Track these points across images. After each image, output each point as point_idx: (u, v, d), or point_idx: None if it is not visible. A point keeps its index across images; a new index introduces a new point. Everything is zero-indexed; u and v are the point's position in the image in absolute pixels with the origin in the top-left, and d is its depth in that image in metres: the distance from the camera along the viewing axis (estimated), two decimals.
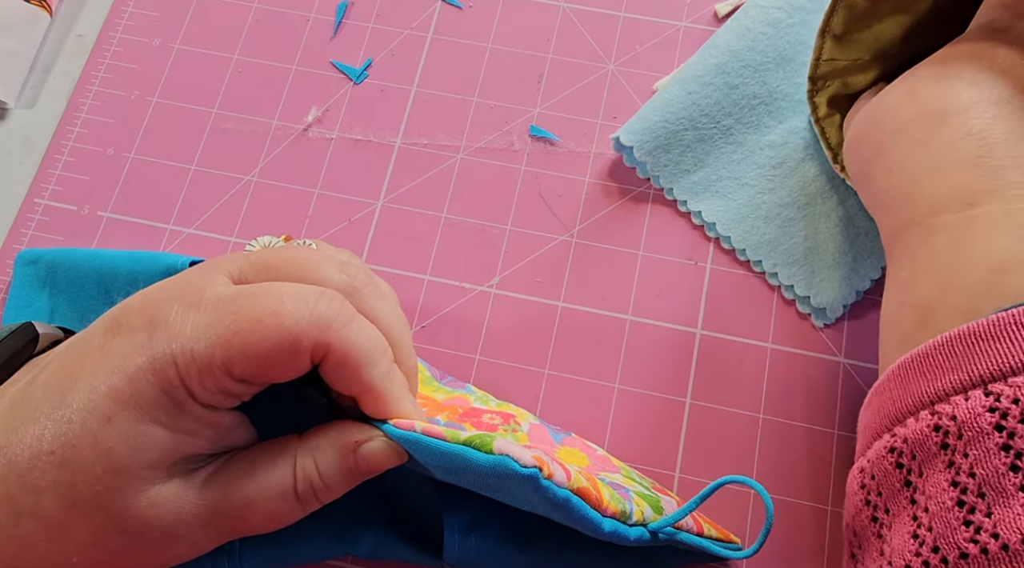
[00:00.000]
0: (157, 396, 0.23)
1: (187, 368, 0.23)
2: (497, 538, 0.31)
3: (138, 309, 0.25)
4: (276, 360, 0.24)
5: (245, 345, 0.23)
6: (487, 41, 0.46)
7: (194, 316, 0.24)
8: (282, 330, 0.23)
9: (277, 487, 0.25)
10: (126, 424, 0.23)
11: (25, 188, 0.43)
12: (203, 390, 0.24)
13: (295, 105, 0.45)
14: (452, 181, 0.43)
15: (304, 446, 0.26)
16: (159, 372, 0.23)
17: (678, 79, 0.43)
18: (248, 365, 0.23)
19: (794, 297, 0.40)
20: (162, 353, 0.23)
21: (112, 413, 0.23)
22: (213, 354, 0.23)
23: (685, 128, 0.42)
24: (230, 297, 0.24)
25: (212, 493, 0.25)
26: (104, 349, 0.24)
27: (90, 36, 0.47)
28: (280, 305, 0.24)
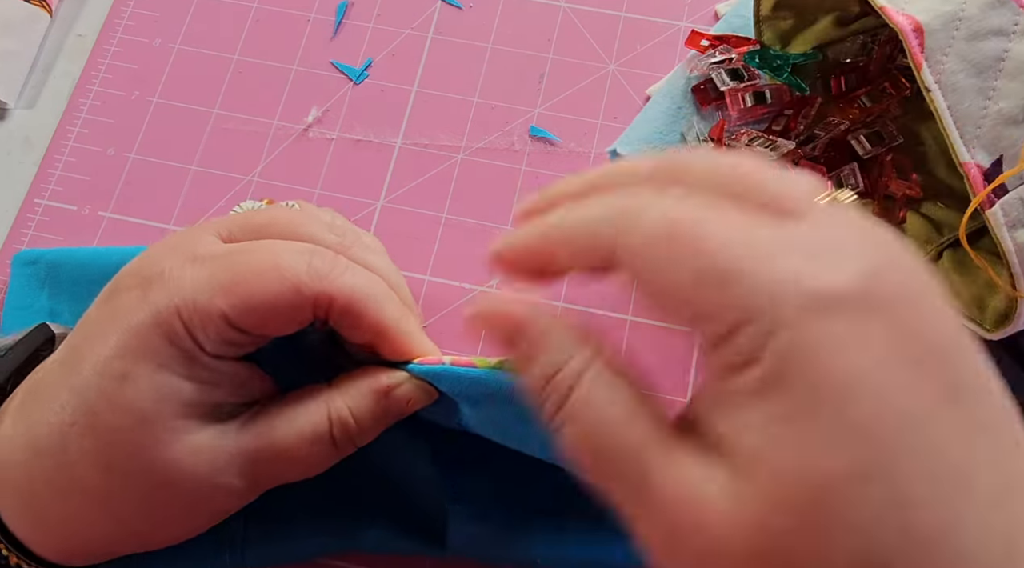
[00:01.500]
0: (166, 348, 0.24)
1: (191, 318, 0.23)
2: (501, 528, 0.31)
3: (131, 273, 0.25)
4: (278, 311, 0.24)
5: (248, 295, 0.24)
6: (487, 41, 0.46)
7: (192, 269, 0.24)
8: (283, 281, 0.24)
9: (313, 433, 0.26)
10: (144, 377, 0.23)
11: (25, 188, 0.43)
12: (208, 340, 0.24)
13: (295, 105, 0.45)
14: (452, 181, 0.43)
15: (336, 392, 0.26)
16: (164, 324, 0.23)
17: (668, 90, 0.43)
18: (250, 316, 0.24)
19: None
20: (164, 306, 0.24)
21: (126, 370, 0.23)
22: (215, 304, 0.23)
23: (679, 139, 0.42)
24: (227, 252, 0.25)
25: (248, 439, 0.25)
26: (104, 315, 0.25)
27: (90, 36, 0.47)
28: (278, 258, 0.24)
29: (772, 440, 0.16)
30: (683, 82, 0.43)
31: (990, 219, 0.30)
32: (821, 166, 0.39)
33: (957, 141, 0.30)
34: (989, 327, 0.33)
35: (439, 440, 0.31)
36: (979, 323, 0.34)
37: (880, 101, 0.39)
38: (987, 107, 0.30)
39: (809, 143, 0.40)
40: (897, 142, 0.39)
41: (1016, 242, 0.30)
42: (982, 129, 0.30)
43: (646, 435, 0.18)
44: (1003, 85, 0.30)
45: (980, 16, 0.30)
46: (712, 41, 0.42)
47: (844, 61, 0.42)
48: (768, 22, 0.41)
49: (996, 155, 0.30)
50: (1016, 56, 0.30)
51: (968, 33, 0.30)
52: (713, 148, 0.40)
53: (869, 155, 0.39)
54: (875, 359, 0.16)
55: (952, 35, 0.31)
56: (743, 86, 0.41)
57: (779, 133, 0.40)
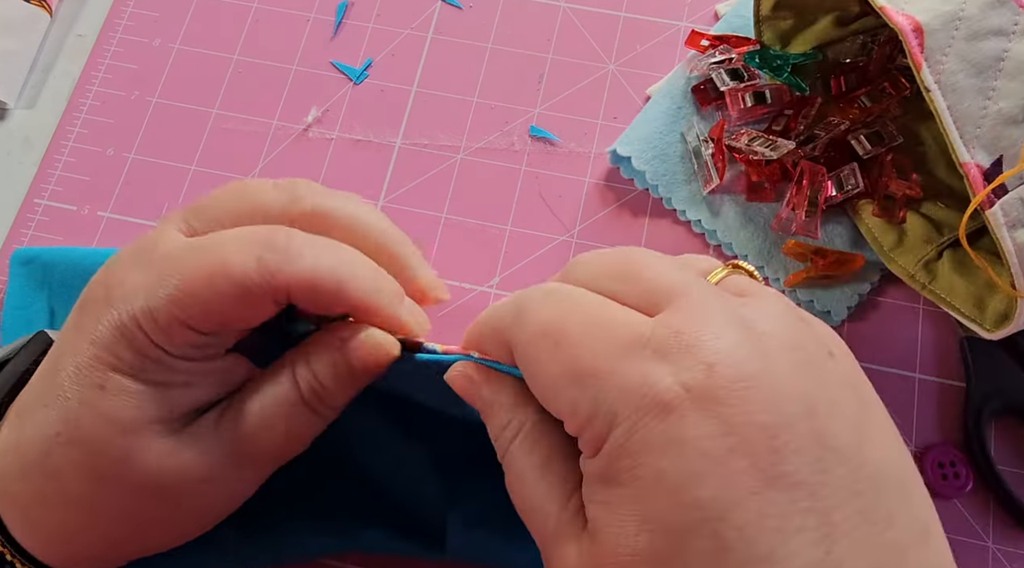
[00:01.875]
0: (135, 357, 0.23)
1: (151, 328, 0.23)
2: (499, 530, 0.31)
3: (98, 281, 0.25)
4: (234, 311, 0.24)
5: (200, 302, 0.23)
6: (487, 41, 0.46)
7: (144, 277, 0.24)
8: (233, 283, 0.23)
9: (285, 400, 0.25)
10: (119, 387, 0.23)
11: (25, 188, 0.43)
12: (172, 345, 0.24)
13: (295, 105, 0.45)
14: (452, 181, 0.43)
15: (299, 356, 0.26)
16: (127, 335, 0.23)
17: (668, 90, 0.43)
18: (208, 319, 0.23)
19: (799, 302, 0.40)
20: (127, 316, 0.23)
21: (102, 381, 0.23)
22: (170, 311, 0.23)
23: (679, 139, 0.42)
24: (178, 252, 0.24)
25: (229, 426, 0.25)
26: (76, 327, 0.25)
27: (90, 36, 0.47)
28: (226, 257, 0.23)
29: (603, 517, 0.19)
30: (683, 82, 0.43)
31: (990, 219, 0.30)
32: (821, 166, 0.39)
33: (957, 141, 0.30)
34: (989, 327, 0.33)
35: (439, 443, 0.31)
36: (979, 323, 0.34)
37: (880, 101, 0.39)
38: (987, 107, 0.30)
39: (809, 143, 0.40)
40: (897, 142, 0.39)
41: (1016, 242, 0.30)
42: (982, 129, 0.30)
43: (548, 487, 0.22)
44: (1003, 85, 0.30)
45: (980, 16, 0.30)
46: (712, 41, 0.42)
47: (844, 61, 0.42)
48: (768, 22, 0.41)
49: (996, 155, 0.30)
50: (1016, 56, 0.30)
51: (968, 33, 0.30)
52: (713, 148, 0.40)
53: (869, 155, 0.39)
54: (687, 457, 0.18)
55: (952, 35, 0.31)
56: (743, 86, 0.41)
57: (779, 133, 0.40)
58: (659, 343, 0.19)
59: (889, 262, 0.38)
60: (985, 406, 0.37)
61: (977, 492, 0.36)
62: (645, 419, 0.19)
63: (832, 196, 0.39)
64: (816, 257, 0.39)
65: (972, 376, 0.37)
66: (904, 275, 0.37)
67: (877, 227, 0.39)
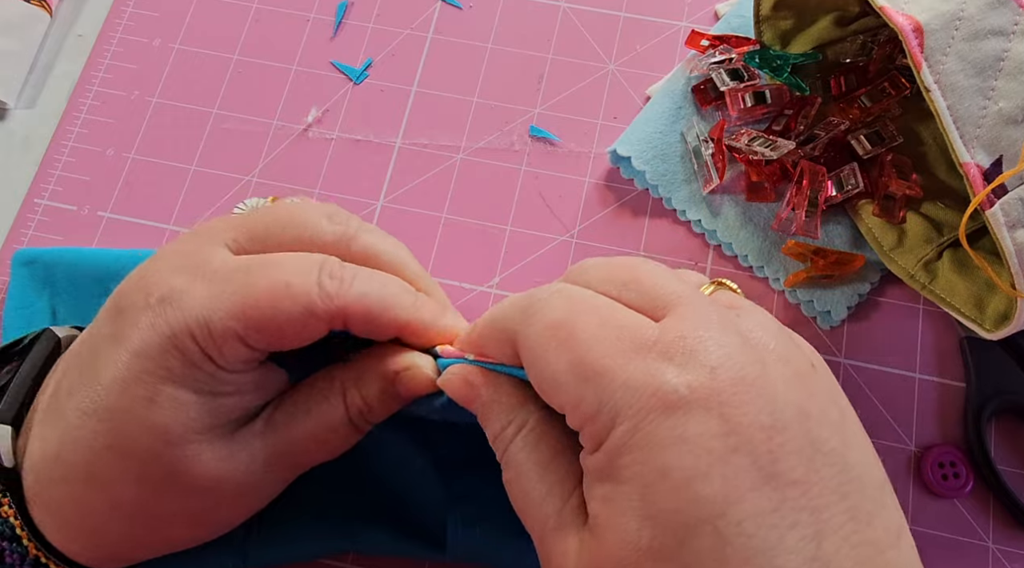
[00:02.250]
0: (185, 369, 0.24)
1: (205, 340, 0.24)
2: (499, 531, 0.31)
3: (137, 289, 0.25)
4: (292, 331, 0.24)
5: (261, 318, 0.24)
6: (487, 41, 0.46)
7: (203, 288, 0.24)
8: (296, 303, 0.24)
9: (333, 419, 0.26)
10: (168, 400, 0.24)
11: (25, 188, 0.43)
12: (224, 359, 0.24)
13: (295, 105, 0.45)
14: (452, 181, 0.43)
15: (350, 377, 0.27)
16: (180, 346, 0.23)
17: (668, 90, 0.43)
18: (264, 337, 0.24)
19: (798, 301, 0.40)
20: (179, 328, 0.23)
21: (152, 393, 0.23)
22: (229, 326, 0.23)
23: (679, 139, 0.42)
24: (238, 270, 0.24)
25: (274, 435, 0.26)
26: (116, 337, 0.24)
27: (90, 36, 0.47)
28: (289, 279, 0.24)
29: (605, 512, 0.20)
30: (683, 82, 0.43)
31: (990, 219, 0.30)
32: (821, 166, 0.39)
33: (957, 141, 0.30)
34: (989, 327, 0.33)
35: (441, 445, 0.31)
36: (979, 323, 0.34)
37: (880, 101, 0.39)
38: (987, 107, 0.30)
39: (809, 143, 0.40)
40: (897, 142, 0.39)
41: (1016, 242, 0.30)
42: (982, 129, 0.30)
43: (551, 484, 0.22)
44: (1003, 85, 0.30)
45: (980, 16, 0.30)
46: (712, 41, 0.42)
47: (844, 61, 0.42)
48: (768, 22, 0.41)
49: (996, 155, 0.30)
50: (1016, 56, 0.30)
51: (968, 33, 0.30)
52: (713, 148, 0.40)
53: (869, 155, 0.39)
54: (691, 454, 0.19)
55: (952, 35, 0.31)
56: (743, 86, 0.41)
57: (779, 133, 0.40)
58: (665, 346, 0.20)
59: (889, 262, 0.38)
60: (985, 406, 0.37)
61: (977, 492, 0.36)
62: (650, 416, 0.19)
63: (832, 196, 0.39)
64: (816, 257, 0.39)
65: (972, 376, 0.37)
66: (904, 275, 0.37)
67: (877, 227, 0.39)
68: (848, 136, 0.40)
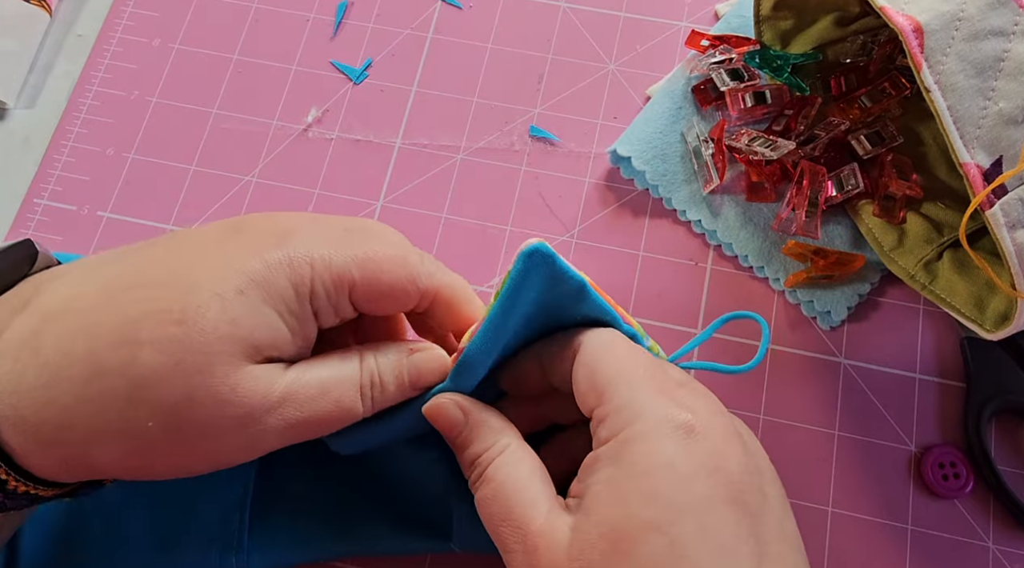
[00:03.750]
0: (286, 289, 0.25)
1: (322, 273, 0.26)
2: None
3: (264, 220, 0.27)
4: (394, 293, 0.27)
5: (376, 273, 0.26)
6: (487, 41, 0.46)
7: (328, 234, 0.27)
8: (407, 271, 0.27)
9: (347, 378, 0.27)
10: (255, 301, 0.25)
11: (25, 188, 0.43)
12: (323, 298, 0.26)
13: (295, 105, 0.45)
14: (452, 181, 0.43)
15: (369, 348, 0.28)
16: (295, 268, 0.25)
17: (668, 90, 0.43)
18: (370, 291, 0.27)
19: (798, 301, 0.40)
20: (300, 254, 0.26)
21: (245, 288, 0.25)
22: (349, 270, 0.26)
23: (679, 139, 0.42)
24: (358, 229, 0.28)
25: (291, 378, 0.26)
26: (229, 243, 0.26)
27: (90, 36, 0.47)
28: (405, 251, 0.28)
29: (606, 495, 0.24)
30: (683, 82, 0.43)
31: (990, 219, 0.30)
32: (821, 166, 0.39)
33: (957, 141, 0.30)
34: (989, 327, 0.33)
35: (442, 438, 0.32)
36: (979, 323, 0.34)
37: (880, 101, 0.39)
38: (987, 107, 0.30)
39: (809, 143, 0.40)
40: (897, 142, 0.39)
41: (1016, 242, 0.30)
42: (982, 129, 0.30)
43: (537, 491, 0.26)
44: (1003, 85, 0.30)
45: (980, 16, 0.30)
46: (712, 41, 0.42)
47: (844, 61, 0.42)
48: (768, 22, 0.41)
49: (996, 155, 0.30)
50: (1016, 56, 0.30)
51: (968, 33, 0.30)
52: (713, 148, 0.40)
53: (869, 155, 0.39)
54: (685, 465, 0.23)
55: (952, 35, 0.30)
56: (743, 86, 0.41)
57: (779, 133, 0.40)
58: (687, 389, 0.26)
59: (889, 262, 0.38)
60: (985, 406, 0.37)
61: (977, 492, 0.36)
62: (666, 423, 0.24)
63: (832, 196, 0.39)
64: (816, 257, 0.39)
65: (972, 376, 0.37)
66: (904, 275, 0.37)
67: (877, 227, 0.39)
68: (848, 136, 0.40)
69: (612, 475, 0.24)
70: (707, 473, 0.23)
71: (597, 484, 0.24)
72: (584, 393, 0.26)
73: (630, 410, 0.24)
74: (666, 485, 0.23)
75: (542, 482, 0.26)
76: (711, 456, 0.24)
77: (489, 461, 0.27)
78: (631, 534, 0.23)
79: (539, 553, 0.24)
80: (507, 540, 0.25)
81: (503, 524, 0.25)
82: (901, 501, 0.37)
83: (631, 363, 0.26)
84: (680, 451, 0.24)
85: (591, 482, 0.24)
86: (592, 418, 0.26)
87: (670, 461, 0.23)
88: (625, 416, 0.24)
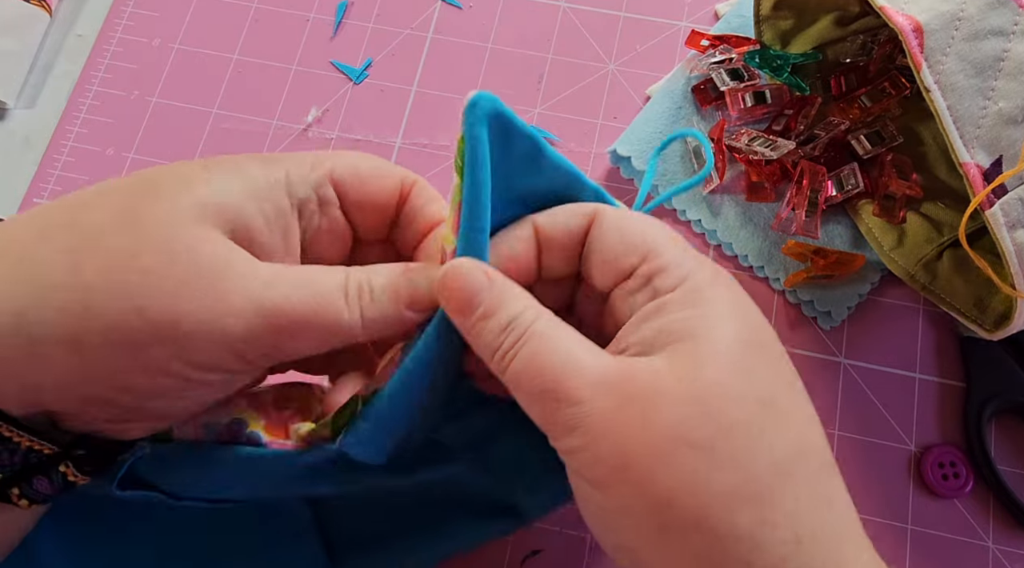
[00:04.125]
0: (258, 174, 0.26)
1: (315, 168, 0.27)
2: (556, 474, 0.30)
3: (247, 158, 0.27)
4: (377, 177, 0.28)
5: (354, 160, 0.28)
6: (487, 41, 0.46)
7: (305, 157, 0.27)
8: (393, 175, 0.28)
9: (330, 279, 0.25)
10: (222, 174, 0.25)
11: (25, 188, 0.43)
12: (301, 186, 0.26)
13: (295, 105, 0.45)
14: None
15: (359, 267, 0.27)
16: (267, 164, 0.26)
17: (668, 90, 0.43)
18: (353, 177, 0.28)
19: (798, 301, 0.40)
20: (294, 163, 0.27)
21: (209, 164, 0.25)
22: (323, 161, 0.27)
23: (678, 139, 0.42)
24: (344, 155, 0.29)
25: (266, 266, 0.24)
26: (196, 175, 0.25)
27: (90, 36, 0.47)
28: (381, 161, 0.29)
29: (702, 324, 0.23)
30: (683, 82, 0.43)
31: (989, 219, 0.30)
32: (821, 166, 0.39)
33: (957, 141, 0.30)
34: (989, 327, 0.33)
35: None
36: (979, 323, 0.34)
37: (880, 101, 0.39)
38: (987, 107, 0.30)
39: (809, 143, 0.40)
40: (897, 142, 0.39)
41: (1016, 242, 0.30)
42: (982, 129, 0.30)
43: (591, 344, 0.24)
44: (1003, 85, 0.30)
45: (980, 16, 0.30)
46: (712, 41, 0.42)
47: (844, 61, 0.42)
48: (768, 22, 0.41)
49: (996, 155, 0.30)
50: (1016, 56, 0.30)
51: (968, 33, 0.30)
52: (713, 148, 0.40)
53: (869, 155, 0.39)
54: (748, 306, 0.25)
55: (952, 35, 0.31)
56: (743, 86, 0.41)
57: (779, 133, 0.40)
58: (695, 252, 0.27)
59: (889, 262, 0.38)
60: (985, 406, 0.37)
61: (977, 492, 0.36)
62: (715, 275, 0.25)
63: (832, 196, 0.39)
64: (816, 257, 0.39)
65: (972, 376, 0.37)
66: (904, 275, 0.37)
67: (877, 227, 0.39)
68: (848, 136, 0.40)
69: (703, 312, 0.24)
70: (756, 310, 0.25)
71: (685, 320, 0.24)
72: (621, 256, 0.26)
73: (682, 265, 0.25)
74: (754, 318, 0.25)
75: (588, 340, 0.24)
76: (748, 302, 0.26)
77: (529, 321, 0.24)
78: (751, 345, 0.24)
79: (635, 381, 0.22)
80: (575, 390, 0.22)
81: (568, 376, 0.23)
82: (901, 501, 0.37)
83: (654, 228, 0.26)
84: (739, 296, 0.25)
85: (673, 319, 0.24)
86: (632, 277, 0.25)
87: (741, 301, 0.25)
88: (685, 268, 0.25)
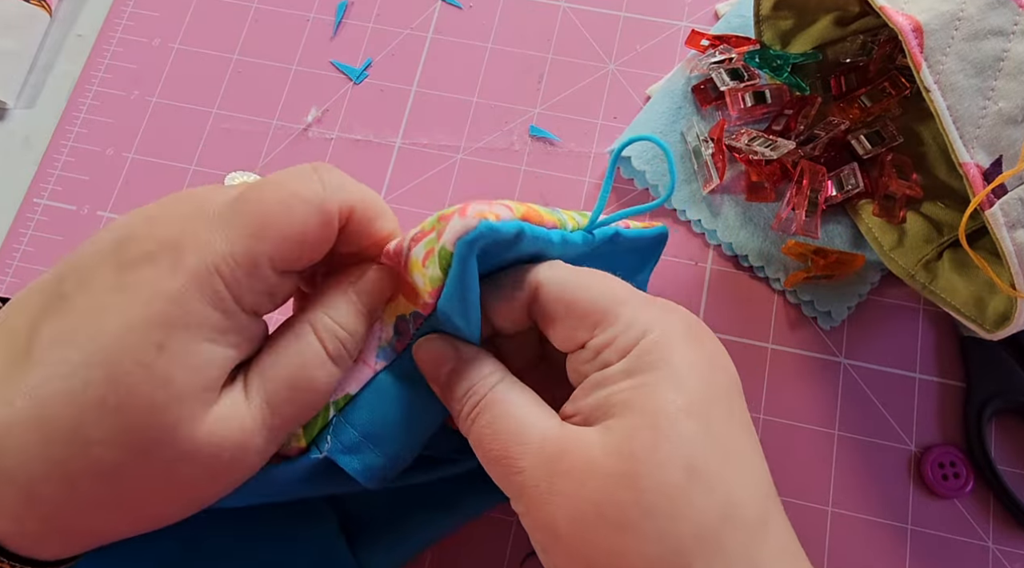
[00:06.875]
0: (207, 312, 0.23)
1: (232, 274, 0.23)
2: None
3: (147, 238, 0.24)
4: (313, 236, 0.25)
5: (281, 229, 0.24)
6: (487, 41, 0.46)
7: (218, 224, 0.24)
8: (309, 205, 0.24)
9: (311, 357, 0.25)
10: (180, 347, 0.22)
11: (25, 188, 0.43)
12: (251, 292, 0.24)
13: (295, 105, 0.45)
14: (452, 181, 0.43)
15: (314, 309, 0.26)
16: (205, 286, 0.23)
17: (668, 90, 0.43)
18: (288, 249, 0.24)
19: (798, 301, 0.40)
20: (203, 268, 0.23)
21: (163, 340, 0.22)
22: (254, 249, 0.23)
23: (679, 139, 0.42)
24: (241, 196, 0.24)
25: (257, 391, 0.25)
26: (124, 286, 0.23)
27: (90, 36, 0.47)
28: (293, 186, 0.24)
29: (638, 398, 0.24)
30: (683, 82, 0.43)
31: (989, 219, 0.30)
32: (821, 166, 0.39)
33: (957, 141, 0.30)
34: (989, 327, 0.33)
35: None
36: (979, 323, 0.34)
37: (880, 101, 0.39)
38: (987, 107, 0.30)
39: (809, 143, 0.39)
40: (897, 142, 0.39)
41: (1016, 242, 0.30)
42: (982, 129, 0.30)
43: (544, 410, 0.25)
44: (1003, 85, 0.30)
45: (980, 16, 0.30)
46: (712, 41, 0.42)
47: (844, 61, 0.42)
48: (768, 22, 0.41)
49: (996, 155, 0.30)
50: (1016, 56, 0.30)
51: (968, 33, 0.30)
52: (713, 148, 0.40)
53: (869, 155, 0.39)
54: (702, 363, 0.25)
55: (952, 35, 0.30)
56: (743, 86, 0.41)
57: (779, 133, 0.40)
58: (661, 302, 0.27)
59: (889, 262, 0.38)
60: (985, 406, 0.37)
61: (977, 492, 0.36)
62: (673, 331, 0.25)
63: (832, 196, 0.39)
64: (816, 257, 0.39)
65: (972, 376, 0.37)
66: (904, 275, 0.37)
67: (877, 227, 0.39)
68: (848, 136, 0.40)
69: (639, 382, 0.24)
70: (721, 368, 0.25)
71: (622, 392, 0.24)
72: (570, 329, 0.26)
73: (635, 326, 0.25)
74: (697, 381, 0.24)
75: (542, 405, 0.25)
76: (714, 354, 0.25)
77: (487, 388, 0.26)
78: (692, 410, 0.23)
79: (568, 455, 0.23)
80: (517, 459, 0.24)
81: (513, 445, 0.24)
82: (901, 501, 0.37)
83: (608, 285, 0.26)
84: (693, 352, 0.25)
85: (612, 392, 0.24)
86: (587, 346, 0.25)
87: (692, 361, 0.24)
88: (636, 331, 0.25)
